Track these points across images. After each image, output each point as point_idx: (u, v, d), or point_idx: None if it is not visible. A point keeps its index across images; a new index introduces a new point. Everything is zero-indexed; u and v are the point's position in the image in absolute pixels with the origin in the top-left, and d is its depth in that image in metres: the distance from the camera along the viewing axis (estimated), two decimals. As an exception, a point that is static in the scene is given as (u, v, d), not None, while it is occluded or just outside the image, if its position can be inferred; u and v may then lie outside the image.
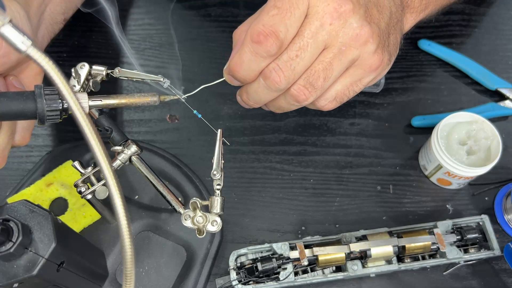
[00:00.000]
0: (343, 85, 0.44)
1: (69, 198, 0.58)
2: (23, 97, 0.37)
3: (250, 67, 0.41)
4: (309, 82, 0.42)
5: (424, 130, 0.67)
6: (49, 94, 0.37)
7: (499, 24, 0.77)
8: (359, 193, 0.64)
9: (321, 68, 0.41)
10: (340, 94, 0.44)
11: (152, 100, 0.44)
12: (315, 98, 0.44)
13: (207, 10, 0.76)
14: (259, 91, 0.44)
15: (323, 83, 0.42)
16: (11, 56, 0.43)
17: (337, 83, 0.44)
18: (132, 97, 0.43)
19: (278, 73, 0.41)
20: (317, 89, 0.42)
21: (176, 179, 0.61)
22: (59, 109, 0.38)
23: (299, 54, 0.40)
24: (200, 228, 0.44)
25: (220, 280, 0.56)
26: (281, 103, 0.45)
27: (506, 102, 0.69)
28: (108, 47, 0.73)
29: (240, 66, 0.41)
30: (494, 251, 0.57)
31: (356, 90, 0.45)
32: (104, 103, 0.42)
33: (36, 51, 0.31)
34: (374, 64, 0.43)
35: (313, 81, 0.42)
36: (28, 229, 0.40)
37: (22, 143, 0.47)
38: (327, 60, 0.41)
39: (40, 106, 0.37)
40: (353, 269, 0.55)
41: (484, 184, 0.64)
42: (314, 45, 0.40)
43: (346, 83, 0.44)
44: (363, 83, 0.44)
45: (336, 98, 0.45)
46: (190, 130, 0.67)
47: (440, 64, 0.73)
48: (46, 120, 0.38)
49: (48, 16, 0.55)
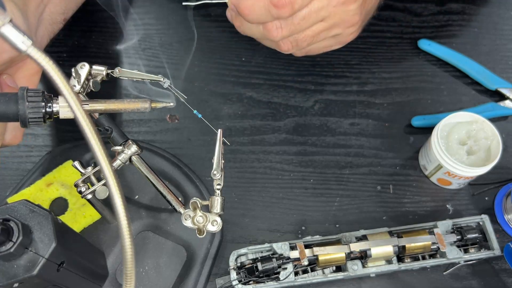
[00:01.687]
0: (317, 47, 0.54)
1: (69, 198, 0.58)
2: (6, 99, 0.36)
3: (258, 17, 0.48)
4: (296, 41, 0.51)
5: (424, 130, 0.67)
6: (32, 97, 0.36)
7: (499, 24, 0.77)
8: (359, 193, 0.64)
9: (310, 35, 0.51)
10: (311, 51, 0.55)
11: (143, 107, 0.41)
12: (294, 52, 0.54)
13: (207, 10, 0.76)
14: (253, 31, 0.51)
15: (306, 46, 0.52)
16: (3, 55, 0.43)
17: (314, 44, 0.53)
18: (122, 103, 0.41)
19: (278, 30, 0.49)
20: (299, 48, 0.53)
21: (176, 179, 0.61)
22: (42, 112, 0.37)
23: (300, 22, 0.48)
24: (200, 228, 0.44)
25: (220, 280, 0.56)
26: (264, 42, 0.54)
27: (506, 102, 0.70)
28: (108, 47, 0.73)
29: (250, 12, 0.47)
30: (494, 251, 0.57)
31: (323, 51, 0.56)
32: (91, 108, 0.41)
33: (36, 51, 0.31)
34: (347, 41, 0.55)
35: (300, 42, 0.51)
36: (28, 229, 0.40)
37: (13, 142, 0.47)
38: (317, 30, 0.50)
39: (22, 108, 0.36)
40: (353, 269, 0.55)
41: (484, 184, 0.64)
42: (315, 18, 0.49)
43: (320, 46, 0.54)
44: (330, 49, 0.56)
45: (307, 53, 0.55)
46: (190, 130, 0.67)
47: (440, 64, 0.73)
48: (29, 123, 0.37)
49: (48, 16, 0.55)
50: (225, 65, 0.72)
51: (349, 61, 0.73)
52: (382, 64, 0.73)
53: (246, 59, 0.73)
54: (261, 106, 0.69)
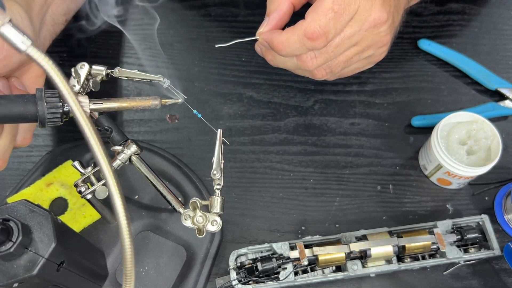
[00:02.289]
0: (349, 70, 0.53)
1: (69, 198, 0.58)
2: (24, 100, 0.37)
3: (292, 51, 0.47)
4: (329, 68, 0.50)
5: (424, 130, 0.67)
6: (50, 97, 0.37)
7: (499, 24, 0.77)
8: (359, 193, 0.64)
9: (343, 60, 0.50)
10: (343, 74, 0.54)
11: (154, 104, 0.43)
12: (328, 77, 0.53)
13: (207, 9, 0.76)
14: (287, 63, 0.51)
15: (340, 71, 0.52)
16: (13, 58, 0.43)
17: (347, 68, 0.53)
18: (134, 101, 0.43)
19: (313, 60, 0.48)
20: (333, 74, 0.52)
21: (176, 179, 0.61)
22: (60, 112, 0.38)
23: (334, 50, 0.48)
24: (200, 228, 0.44)
25: (220, 280, 0.56)
26: (297, 72, 0.53)
27: (506, 102, 0.69)
28: (108, 47, 0.73)
29: (284, 47, 0.47)
30: (494, 251, 0.57)
31: (355, 72, 0.55)
32: (105, 107, 0.42)
33: (36, 51, 0.31)
34: (378, 60, 0.54)
35: (333, 68, 0.51)
36: (28, 229, 0.40)
37: (23, 143, 0.48)
38: (350, 55, 0.50)
39: (41, 109, 0.37)
40: (353, 269, 0.55)
41: (484, 184, 0.64)
42: (348, 44, 0.48)
43: (352, 68, 0.53)
44: (362, 69, 0.55)
45: (340, 76, 0.54)
46: (190, 130, 0.67)
47: (440, 64, 0.73)
48: (47, 123, 0.38)
49: (50, 18, 0.55)
50: (225, 65, 0.72)
51: (349, 61, 0.73)
52: (382, 64, 0.73)
53: (246, 59, 0.73)
54: (261, 106, 0.69)
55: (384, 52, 0.53)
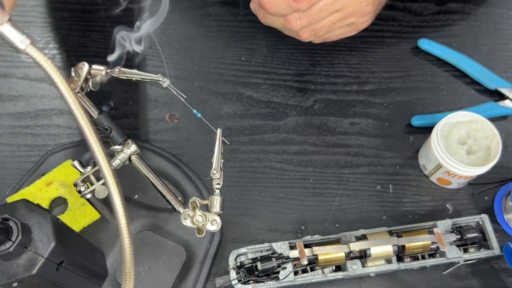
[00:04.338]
0: (333, 35, 0.60)
1: (69, 197, 0.58)
2: None
3: (279, 10, 0.53)
4: (314, 31, 0.57)
5: (424, 130, 0.67)
6: None
7: (499, 24, 0.77)
8: (359, 193, 0.64)
9: (327, 24, 0.56)
10: (328, 38, 0.61)
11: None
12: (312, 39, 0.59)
13: (207, 9, 0.76)
14: (274, 22, 0.58)
15: (323, 34, 0.58)
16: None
17: (330, 32, 0.59)
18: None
19: (297, 21, 0.54)
20: (318, 37, 0.58)
21: (175, 178, 0.61)
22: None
23: (317, 13, 0.54)
24: (200, 228, 0.44)
25: (220, 280, 0.56)
26: (285, 32, 0.60)
27: (506, 102, 0.69)
28: (108, 46, 0.73)
29: (271, 6, 0.52)
30: (494, 251, 0.57)
31: (339, 38, 0.62)
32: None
33: (35, 50, 0.31)
34: (361, 28, 0.61)
35: (317, 31, 0.57)
36: (28, 228, 0.40)
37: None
38: (333, 20, 0.56)
39: None
40: (353, 268, 0.55)
41: (484, 184, 0.64)
42: (331, 9, 0.54)
43: (336, 33, 0.60)
44: (346, 35, 0.61)
45: (324, 40, 0.61)
46: (190, 130, 0.67)
47: (440, 64, 0.73)
48: None
49: None
50: (225, 65, 0.72)
51: (349, 60, 0.73)
52: (382, 64, 0.73)
53: (246, 58, 0.73)
54: (261, 105, 0.69)
55: (366, 21, 0.59)
